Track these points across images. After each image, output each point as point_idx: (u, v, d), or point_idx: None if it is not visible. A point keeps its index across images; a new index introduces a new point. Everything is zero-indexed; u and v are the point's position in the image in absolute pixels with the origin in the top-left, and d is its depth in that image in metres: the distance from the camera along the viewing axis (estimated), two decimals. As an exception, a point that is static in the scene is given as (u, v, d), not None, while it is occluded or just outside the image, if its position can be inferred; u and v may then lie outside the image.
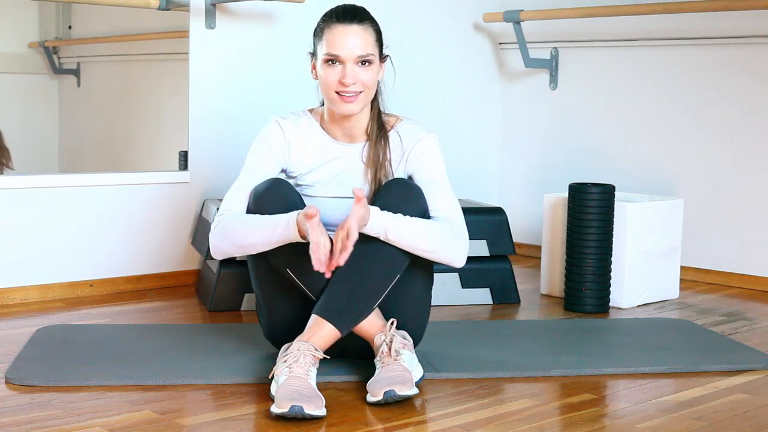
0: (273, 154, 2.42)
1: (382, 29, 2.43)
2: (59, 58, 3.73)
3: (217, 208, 3.11)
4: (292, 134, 2.44)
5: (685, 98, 3.78)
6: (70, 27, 3.74)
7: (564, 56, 4.15)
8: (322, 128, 2.46)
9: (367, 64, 2.34)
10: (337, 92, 2.33)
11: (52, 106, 3.74)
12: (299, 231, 2.18)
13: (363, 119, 2.42)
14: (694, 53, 3.75)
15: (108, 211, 3.31)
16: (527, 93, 4.29)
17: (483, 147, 4.38)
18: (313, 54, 2.42)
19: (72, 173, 3.33)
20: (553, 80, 4.18)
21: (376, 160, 2.41)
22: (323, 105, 2.46)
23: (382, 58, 2.41)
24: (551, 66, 4.16)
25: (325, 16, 2.40)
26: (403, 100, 4.13)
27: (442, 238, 2.29)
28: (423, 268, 2.38)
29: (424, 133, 2.45)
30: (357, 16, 2.36)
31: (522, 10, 4.04)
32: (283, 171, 2.47)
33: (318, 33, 2.39)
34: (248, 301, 3.11)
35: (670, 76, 3.82)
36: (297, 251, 2.24)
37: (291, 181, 2.45)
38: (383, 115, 2.46)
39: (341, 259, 2.13)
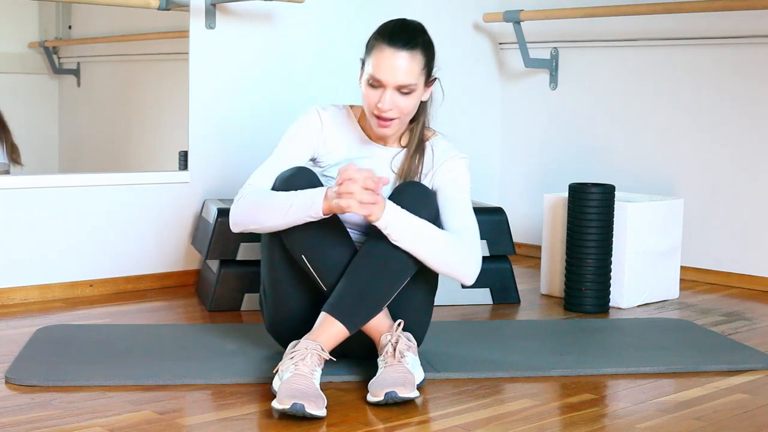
0: (307, 140, 2.42)
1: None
2: (59, 58, 3.73)
3: (218, 209, 3.11)
4: (330, 126, 2.44)
5: (685, 98, 3.78)
6: (70, 27, 3.74)
7: (564, 56, 4.15)
8: (360, 125, 2.46)
9: (408, 92, 2.31)
10: (373, 114, 2.32)
11: (52, 106, 3.75)
12: (325, 205, 2.17)
13: (399, 129, 2.41)
14: (694, 53, 3.75)
15: (108, 211, 3.31)
16: (527, 93, 4.29)
17: (483, 147, 4.38)
18: (363, 66, 2.37)
19: (72, 173, 3.32)
20: (553, 80, 4.18)
21: (408, 172, 2.41)
22: None
23: (429, 81, 2.38)
24: (551, 66, 4.16)
25: (379, 31, 2.35)
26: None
27: (450, 250, 2.27)
28: (430, 272, 2.37)
29: (456, 152, 2.44)
30: (409, 41, 2.31)
31: (522, 10, 4.04)
32: (312, 159, 2.46)
33: (369, 49, 2.34)
34: (248, 301, 3.11)
35: (670, 76, 3.82)
36: (314, 238, 2.25)
37: (318, 170, 2.45)
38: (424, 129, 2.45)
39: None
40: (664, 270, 3.38)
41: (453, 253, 2.28)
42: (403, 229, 2.21)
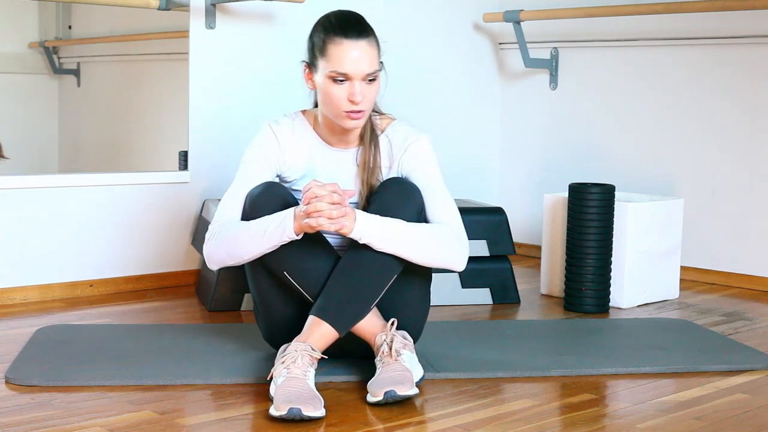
0: (267, 161, 2.37)
1: (378, 30, 2.34)
2: (59, 58, 3.74)
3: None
4: (287, 140, 2.39)
5: (685, 98, 3.78)
6: (70, 27, 3.74)
7: (564, 56, 4.15)
8: (316, 132, 2.41)
9: (373, 80, 2.27)
10: (343, 110, 2.27)
11: (52, 106, 3.75)
12: (296, 226, 2.16)
13: (366, 121, 2.38)
14: (694, 53, 3.75)
15: (108, 211, 3.31)
16: (527, 93, 4.29)
17: (483, 147, 4.38)
18: (310, 65, 2.33)
19: (72, 173, 3.33)
20: (553, 80, 4.18)
21: (368, 165, 2.37)
22: (316, 107, 2.41)
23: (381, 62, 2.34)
24: (551, 66, 4.16)
25: (325, 27, 2.29)
26: (403, 100, 4.12)
27: (433, 244, 2.26)
28: (421, 268, 2.36)
29: (415, 135, 2.39)
30: (363, 30, 2.26)
31: (522, 10, 4.04)
32: (278, 176, 2.42)
33: (319, 46, 2.28)
34: (248, 301, 3.11)
35: (670, 76, 3.82)
36: (294, 253, 2.24)
37: (284, 183, 2.43)
38: (375, 116, 2.41)
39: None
40: (664, 270, 3.38)
41: (437, 246, 2.27)
42: (379, 235, 2.20)
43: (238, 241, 2.24)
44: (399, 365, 2.18)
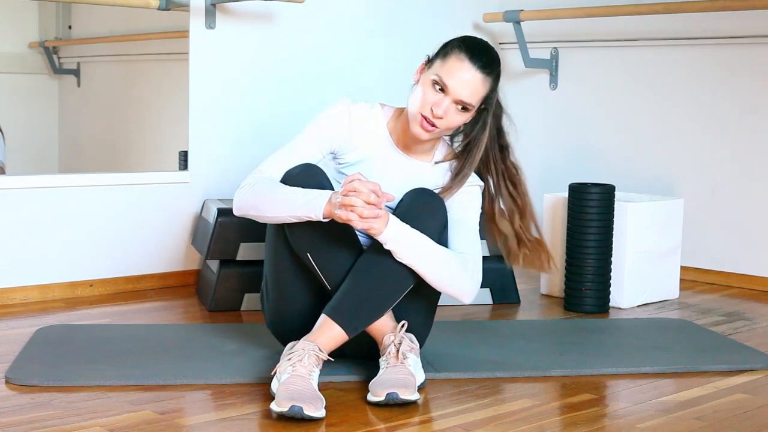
0: (329, 133, 2.38)
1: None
2: (59, 58, 3.74)
3: (218, 209, 3.12)
4: (358, 122, 2.40)
5: (684, 98, 3.78)
6: (70, 27, 3.75)
7: (564, 56, 4.15)
8: (387, 127, 2.43)
9: (464, 109, 2.31)
10: (422, 113, 2.30)
11: (52, 106, 3.75)
12: (327, 209, 2.16)
13: (429, 142, 2.40)
14: (694, 53, 3.75)
15: (108, 211, 3.31)
16: (527, 93, 4.29)
17: (483, 147, 4.37)
18: (430, 61, 2.36)
19: (72, 173, 3.33)
20: (553, 80, 4.18)
21: (449, 190, 2.39)
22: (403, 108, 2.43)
23: (479, 108, 2.36)
24: (551, 66, 4.16)
25: (462, 42, 2.33)
26: (404, 100, 4.12)
27: (450, 269, 2.26)
28: None
29: (476, 180, 2.44)
30: (488, 66, 2.31)
31: (522, 10, 4.04)
32: (332, 153, 2.43)
33: (446, 52, 2.32)
34: (248, 301, 3.11)
35: (670, 76, 3.82)
36: (321, 239, 2.25)
37: (334, 166, 2.44)
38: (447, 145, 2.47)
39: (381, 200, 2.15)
40: (664, 270, 3.38)
41: (453, 272, 2.27)
42: (404, 245, 2.21)
43: (269, 199, 2.25)
44: (404, 368, 2.19)
